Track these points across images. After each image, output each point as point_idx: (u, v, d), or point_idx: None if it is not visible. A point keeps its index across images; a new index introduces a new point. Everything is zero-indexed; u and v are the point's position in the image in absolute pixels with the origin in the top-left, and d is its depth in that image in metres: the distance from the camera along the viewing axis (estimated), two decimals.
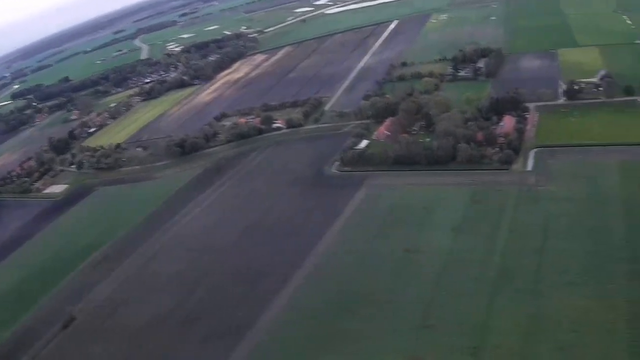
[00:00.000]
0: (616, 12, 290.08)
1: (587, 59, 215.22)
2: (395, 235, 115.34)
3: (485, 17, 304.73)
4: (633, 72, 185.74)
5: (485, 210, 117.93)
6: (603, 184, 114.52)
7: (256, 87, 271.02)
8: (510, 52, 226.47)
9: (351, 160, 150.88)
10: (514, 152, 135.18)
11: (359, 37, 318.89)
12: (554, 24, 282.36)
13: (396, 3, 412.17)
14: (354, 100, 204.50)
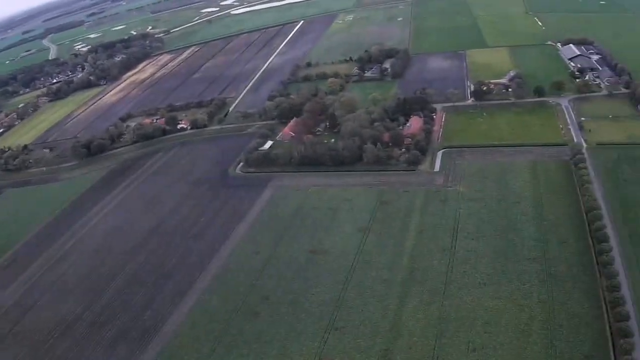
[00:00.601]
0: (528, 13, 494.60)
1: (496, 60, 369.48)
2: (301, 237, 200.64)
3: (392, 17, 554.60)
4: (543, 73, 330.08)
5: (393, 211, 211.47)
6: (512, 185, 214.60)
7: (161, 87, 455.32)
8: (417, 52, 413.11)
9: (256, 161, 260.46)
10: (421, 153, 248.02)
11: (265, 37, 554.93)
12: (463, 25, 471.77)
13: (303, 3, 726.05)
14: (258, 101, 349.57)
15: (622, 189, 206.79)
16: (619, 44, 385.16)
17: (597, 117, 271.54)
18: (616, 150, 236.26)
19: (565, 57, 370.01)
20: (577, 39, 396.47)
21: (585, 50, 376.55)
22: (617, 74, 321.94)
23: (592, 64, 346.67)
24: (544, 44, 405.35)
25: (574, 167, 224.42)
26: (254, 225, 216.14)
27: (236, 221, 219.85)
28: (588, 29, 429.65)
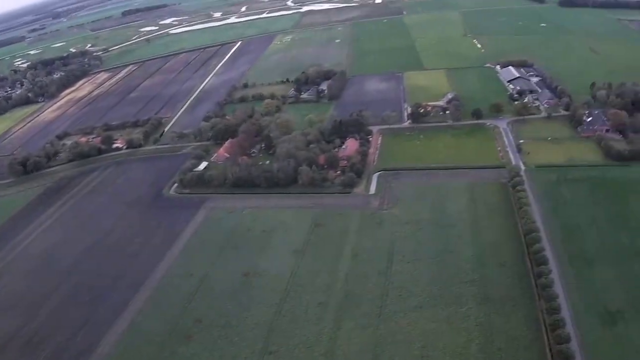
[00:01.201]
0: (466, 36, 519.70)
1: (434, 82, 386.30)
2: (235, 259, 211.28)
3: (331, 39, 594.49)
4: (482, 96, 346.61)
5: (328, 234, 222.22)
6: (449, 207, 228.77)
7: (99, 105, 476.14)
8: (354, 74, 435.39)
9: (190, 182, 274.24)
10: (357, 176, 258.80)
11: (203, 57, 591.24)
12: (401, 47, 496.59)
13: (242, 24, 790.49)
14: (194, 121, 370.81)
15: (561, 211, 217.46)
16: (560, 66, 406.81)
17: (536, 139, 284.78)
18: (555, 172, 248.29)
19: (504, 80, 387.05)
20: (517, 61, 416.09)
21: (525, 73, 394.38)
22: (557, 96, 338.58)
23: (531, 86, 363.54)
24: (482, 67, 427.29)
25: (512, 189, 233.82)
26: (188, 247, 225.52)
27: (170, 242, 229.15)
28: (528, 51, 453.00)
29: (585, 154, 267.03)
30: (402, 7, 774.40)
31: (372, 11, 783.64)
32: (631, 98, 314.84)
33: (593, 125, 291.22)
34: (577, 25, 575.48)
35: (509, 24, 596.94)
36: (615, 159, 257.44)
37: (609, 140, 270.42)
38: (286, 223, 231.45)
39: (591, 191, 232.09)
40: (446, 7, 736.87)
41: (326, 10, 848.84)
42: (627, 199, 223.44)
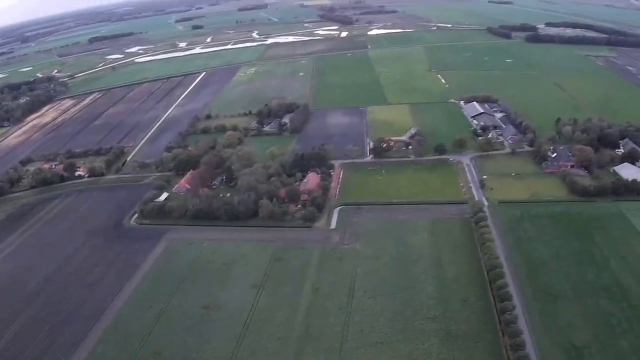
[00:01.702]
0: (431, 71, 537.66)
1: (397, 117, 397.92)
2: (194, 292, 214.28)
3: (294, 72, 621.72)
4: (445, 131, 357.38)
5: (288, 268, 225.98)
6: (411, 243, 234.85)
7: (63, 132, 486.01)
8: (317, 107, 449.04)
9: (151, 212, 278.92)
10: (318, 210, 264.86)
11: (167, 86, 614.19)
12: (365, 82, 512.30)
13: (206, 54, 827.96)
14: (156, 151, 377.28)
15: (525, 247, 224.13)
16: (525, 101, 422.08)
17: (499, 175, 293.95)
18: (519, 208, 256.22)
19: (468, 115, 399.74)
20: (481, 97, 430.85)
21: (489, 108, 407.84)
22: (521, 131, 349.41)
23: (495, 122, 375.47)
24: (446, 102, 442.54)
25: (474, 225, 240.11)
26: (148, 278, 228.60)
27: (130, 273, 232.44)
28: (493, 86, 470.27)
29: (549, 190, 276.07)
30: (366, 41, 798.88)
31: (336, 45, 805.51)
32: (597, 134, 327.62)
33: (558, 161, 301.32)
34: (543, 61, 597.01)
35: (474, 60, 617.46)
36: (581, 195, 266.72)
37: (574, 176, 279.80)
38: (246, 256, 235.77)
39: (555, 227, 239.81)
40: (411, 42, 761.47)
41: (291, 43, 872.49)
42: (592, 235, 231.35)
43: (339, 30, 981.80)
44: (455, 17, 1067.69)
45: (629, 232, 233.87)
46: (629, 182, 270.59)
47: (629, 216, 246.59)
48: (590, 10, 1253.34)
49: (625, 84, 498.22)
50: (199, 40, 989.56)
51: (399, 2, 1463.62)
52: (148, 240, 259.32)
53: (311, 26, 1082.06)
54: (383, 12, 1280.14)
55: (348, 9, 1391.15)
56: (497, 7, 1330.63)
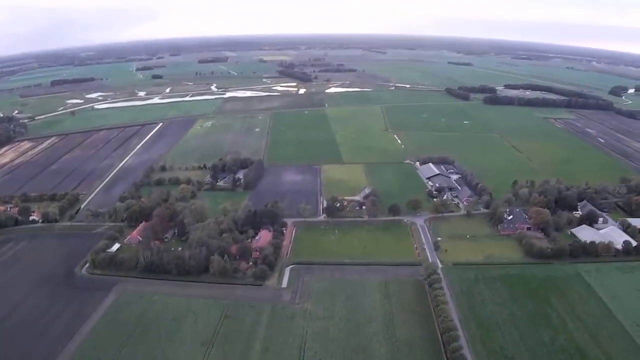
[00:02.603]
0: (387, 131, 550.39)
1: (351, 176, 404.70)
2: (143, 347, 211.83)
3: (251, 127, 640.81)
4: (400, 192, 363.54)
5: (238, 326, 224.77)
6: (363, 304, 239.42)
7: (20, 174, 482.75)
8: (272, 164, 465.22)
9: (102, 263, 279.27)
10: (269, 268, 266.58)
11: (124, 135, 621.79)
12: (321, 139, 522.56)
13: (165, 105, 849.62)
14: (110, 200, 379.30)
15: (479, 310, 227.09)
16: (482, 163, 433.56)
17: (454, 237, 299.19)
18: (474, 271, 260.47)
19: (423, 176, 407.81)
20: (438, 158, 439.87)
21: (445, 170, 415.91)
22: (477, 193, 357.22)
23: (451, 183, 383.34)
24: (402, 162, 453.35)
25: (428, 287, 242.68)
26: (97, 330, 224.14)
27: (79, 324, 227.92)
28: (450, 148, 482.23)
29: (505, 252, 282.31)
30: (324, 99, 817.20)
31: (294, 101, 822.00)
32: (555, 196, 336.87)
33: (514, 223, 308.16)
34: (501, 123, 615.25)
35: (431, 120, 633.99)
36: (537, 257, 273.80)
37: (530, 239, 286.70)
38: (196, 312, 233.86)
39: (511, 289, 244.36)
40: (369, 101, 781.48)
41: (249, 97, 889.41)
42: (549, 297, 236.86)
43: (297, 87, 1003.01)
44: (414, 77, 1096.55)
45: (587, 294, 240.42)
46: (586, 244, 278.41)
47: (587, 278, 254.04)
48: (551, 72, 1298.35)
49: (584, 145, 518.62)
50: (158, 90, 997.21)
51: (358, 61, 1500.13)
52: (98, 290, 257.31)
53: (270, 81, 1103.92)
54: (342, 70, 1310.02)
55: (307, 66, 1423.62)
56: (456, 69, 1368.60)
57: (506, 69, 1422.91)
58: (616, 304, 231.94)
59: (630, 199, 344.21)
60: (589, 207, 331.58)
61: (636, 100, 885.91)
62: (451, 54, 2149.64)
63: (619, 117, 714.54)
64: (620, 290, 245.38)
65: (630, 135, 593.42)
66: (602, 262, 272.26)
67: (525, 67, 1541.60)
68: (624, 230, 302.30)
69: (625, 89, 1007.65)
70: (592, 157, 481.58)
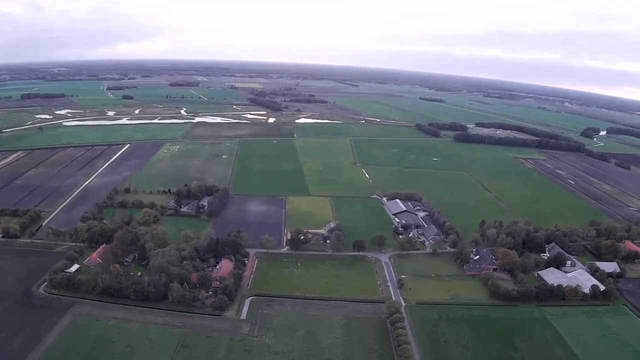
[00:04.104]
0: (355, 164, 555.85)
1: (317, 209, 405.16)
2: None
3: (218, 154, 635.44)
4: (365, 227, 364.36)
5: (194, 356, 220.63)
6: (323, 340, 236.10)
7: None
8: (237, 193, 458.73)
9: (60, 283, 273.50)
10: (229, 298, 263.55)
11: (90, 154, 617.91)
12: (288, 170, 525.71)
13: (133, 126, 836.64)
14: (72, 220, 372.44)
15: (442, 351, 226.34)
16: (449, 201, 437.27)
17: (418, 275, 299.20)
18: (437, 310, 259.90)
19: (390, 212, 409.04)
20: (405, 194, 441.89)
21: (412, 207, 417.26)
22: (444, 232, 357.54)
23: (417, 221, 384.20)
24: (369, 197, 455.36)
25: (390, 325, 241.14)
26: (50, 353, 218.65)
27: (32, 345, 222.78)
28: (418, 184, 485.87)
29: (470, 293, 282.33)
30: (293, 130, 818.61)
31: (263, 130, 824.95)
32: (522, 237, 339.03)
33: (480, 263, 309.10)
34: (470, 161, 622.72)
35: (400, 156, 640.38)
36: (503, 299, 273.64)
37: (496, 280, 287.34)
38: (152, 340, 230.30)
39: (475, 331, 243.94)
40: (338, 133, 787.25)
41: (217, 124, 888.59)
42: (514, 340, 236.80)
43: (267, 116, 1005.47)
44: (385, 112, 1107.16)
45: (553, 339, 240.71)
46: (553, 287, 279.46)
47: (553, 322, 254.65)
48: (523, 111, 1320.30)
49: (554, 187, 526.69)
50: (127, 111, 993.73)
51: (330, 93, 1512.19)
52: (54, 311, 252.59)
53: (240, 109, 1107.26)
54: (313, 101, 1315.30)
55: (278, 95, 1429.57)
56: (427, 105, 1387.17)
57: (478, 107, 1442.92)
58: (583, 350, 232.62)
59: (599, 242, 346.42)
60: (557, 249, 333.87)
61: (607, 143, 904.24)
62: (423, 89, 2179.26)
63: (590, 159, 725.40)
64: (587, 336, 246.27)
65: (600, 178, 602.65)
66: (569, 306, 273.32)
67: (497, 105, 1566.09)
68: (592, 274, 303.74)
69: (597, 131, 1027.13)
70: (562, 198, 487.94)
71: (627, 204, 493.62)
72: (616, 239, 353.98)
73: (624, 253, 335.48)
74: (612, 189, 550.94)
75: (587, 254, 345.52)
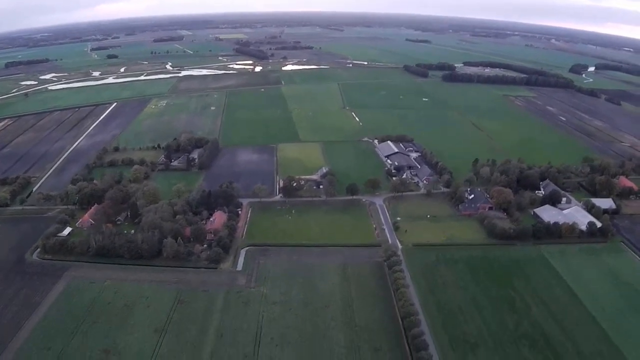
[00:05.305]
0: (344, 109, 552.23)
1: (308, 155, 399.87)
2: (94, 334, 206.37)
3: (206, 106, 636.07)
4: (358, 171, 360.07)
5: (191, 311, 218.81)
6: (320, 287, 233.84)
7: None
8: (227, 144, 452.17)
9: (53, 248, 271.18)
10: (224, 250, 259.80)
11: (77, 116, 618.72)
12: (277, 118, 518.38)
13: (119, 85, 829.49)
14: (62, 183, 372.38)
15: (441, 293, 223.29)
16: (441, 142, 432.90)
17: (414, 217, 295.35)
18: (434, 252, 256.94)
19: (381, 154, 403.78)
20: (396, 136, 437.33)
21: (404, 148, 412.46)
22: (437, 172, 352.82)
23: (410, 162, 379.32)
24: (360, 141, 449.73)
25: (388, 269, 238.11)
26: (47, 318, 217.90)
27: (29, 311, 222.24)
28: (409, 126, 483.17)
29: (466, 233, 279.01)
30: (280, 77, 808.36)
31: (250, 80, 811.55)
32: (517, 175, 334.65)
33: (475, 203, 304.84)
34: (460, 100, 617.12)
35: (389, 98, 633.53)
36: (499, 238, 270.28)
37: (492, 219, 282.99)
38: (149, 298, 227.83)
39: (473, 272, 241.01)
40: (326, 79, 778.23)
41: (204, 76, 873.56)
42: (512, 280, 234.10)
43: (253, 65, 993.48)
44: (371, 55, 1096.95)
45: (550, 277, 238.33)
46: (550, 225, 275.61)
47: (550, 260, 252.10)
48: (510, 50, 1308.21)
49: (545, 124, 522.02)
50: (113, 70, 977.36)
51: (315, 39, 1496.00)
52: (49, 276, 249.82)
53: (225, 60, 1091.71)
54: (298, 47, 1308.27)
55: (263, 44, 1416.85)
56: (414, 46, 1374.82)
57: (465, 47, 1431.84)
58: (581, 287, 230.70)
59: (593, 178, 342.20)
60: (551, 186, 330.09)
61: (596, 79, 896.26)
62: (409, 31, 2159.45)
63: (580, 95, 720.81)
64: (585, 273, 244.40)
65: (591, 114, 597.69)
66: (566, 244, 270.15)
67: (484, 44, 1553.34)
68: (587, 210, 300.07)
69: (586, 67, 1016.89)
70: (554, 136, 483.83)
71: (619, 139, 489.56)
72: (610, 175, 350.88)
73: (619, 189, 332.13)
74: (604, 125, 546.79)
75: (582, 191, 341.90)
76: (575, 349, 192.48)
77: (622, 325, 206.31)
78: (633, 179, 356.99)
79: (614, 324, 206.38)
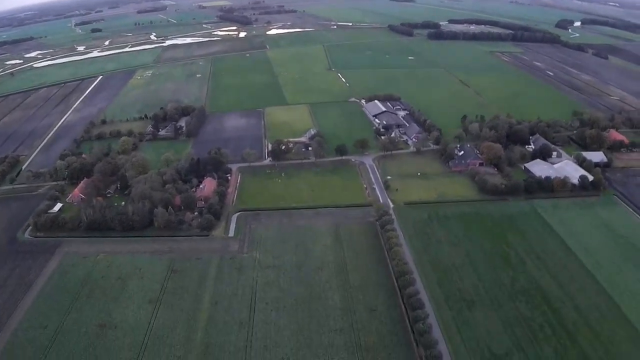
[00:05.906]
0: (330, 70, 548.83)
1: (296, 118, 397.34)
2: (89, 309, 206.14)
3: (191, 74, 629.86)
4: (346, 131, 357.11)
5: (185, 280, 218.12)
6: (313, 250, 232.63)
7: None
8: (214, 110, 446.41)
9: (44, 225, 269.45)
10: (215, 217, 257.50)
11: (64, 92, 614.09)
12: (263, 83, 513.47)
13: (103, 58, 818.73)
14: (51, 159, 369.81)
15: (435, 251, 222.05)
16: (428, 99, 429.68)
17: (404, 176, 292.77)
18: (426, 209, 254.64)
19: (369, 114, 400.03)
20: (383, 96, 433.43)
21: (392, 107, 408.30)
22: (425, 130, 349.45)
23: (398, 120, 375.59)
24: (347, 101, 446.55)
25: (380, 229, 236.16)
26: (42, 295, 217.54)
27: (24, 290, 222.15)
28: (396, 85, 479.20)
29: (458, 190, 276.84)
30: (265, 42, 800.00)
31: (234, 45, 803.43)
32: (506, 130, 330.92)
33: (465, 159, 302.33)
34: (447, 58, 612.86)
35: (375, 58, 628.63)
36: (491, 194, 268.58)
37: (483, 175, 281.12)
38: (142, 269, 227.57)
39: (466, 228, 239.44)
40: (310, 41, 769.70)
41: (188, 44, 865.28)
42: (506, 235, 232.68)
43: (238, 31, 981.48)
44: (355, 16, 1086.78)
45: (544, 231, 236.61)
46: (541, 180, 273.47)
47: (543, 214, 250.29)
48: (495, 6, 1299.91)
49: (533, 80, 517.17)
50: (97, 44, 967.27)
51: (299, 2, 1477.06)
52: (42, 254, 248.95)
53: (210, 27, 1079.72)
54: (282, 11, 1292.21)
55: (247, 9, 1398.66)
56: (398, 6, 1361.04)
57: (449, 5, 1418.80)
58: (575, 241, 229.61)
59: (583, 132, 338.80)
60: (541, 140, 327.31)
61: (583, 34, 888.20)
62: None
63: (567, 50, 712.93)
64: (578, 227, 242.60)
65: (579, 68, 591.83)
66: (558, 198, 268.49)
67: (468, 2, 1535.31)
68: (579, 164, 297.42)
69: (572, 22, 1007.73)
70: (542, 90, 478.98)
71: (608, 93, 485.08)
72: (600, 128, 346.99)
73: (610, 142, 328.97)
74: (592, 79, 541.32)
75: (572, 145, 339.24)
76: (572, 303, 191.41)
77: (618, 278, 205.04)
78: (623, 132, 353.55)
79: (610, 277, 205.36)
